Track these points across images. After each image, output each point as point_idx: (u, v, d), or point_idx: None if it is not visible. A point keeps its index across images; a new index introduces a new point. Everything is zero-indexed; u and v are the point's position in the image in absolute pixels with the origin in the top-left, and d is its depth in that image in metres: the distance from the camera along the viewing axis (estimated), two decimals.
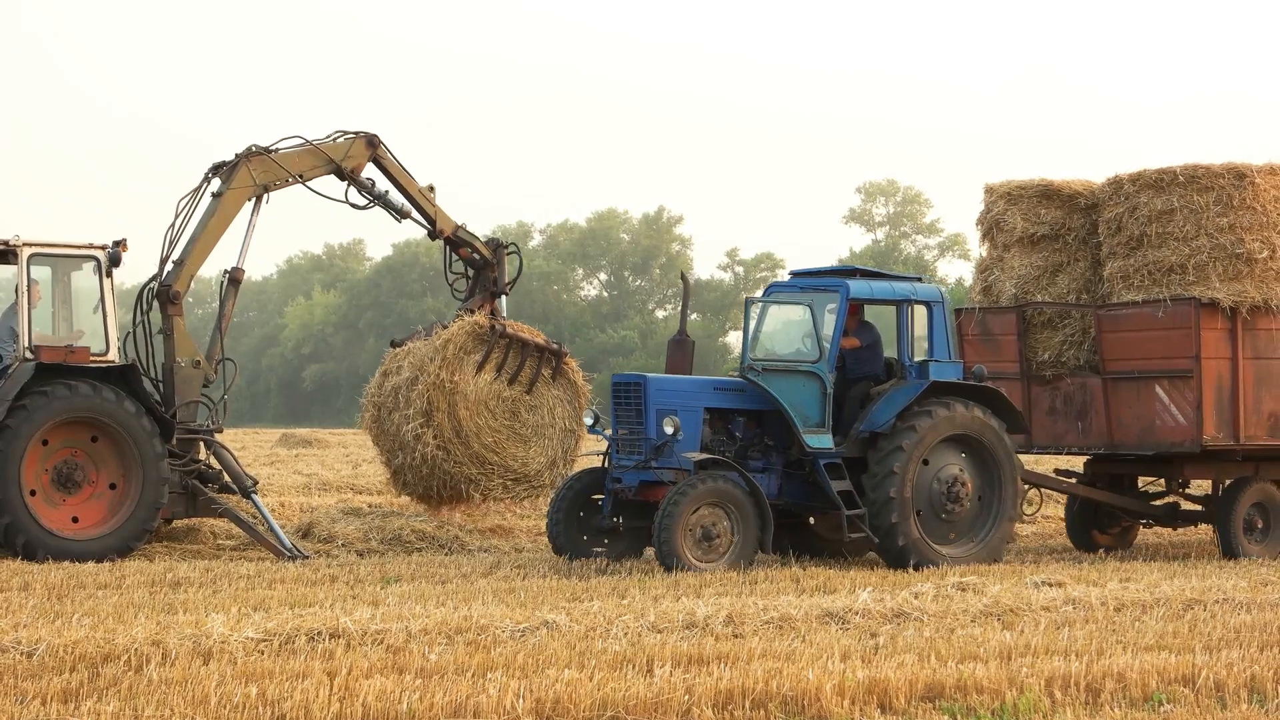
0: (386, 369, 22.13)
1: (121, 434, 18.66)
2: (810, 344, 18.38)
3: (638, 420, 18.05)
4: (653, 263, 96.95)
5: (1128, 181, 20.19)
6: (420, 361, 21.34)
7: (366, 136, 21.18)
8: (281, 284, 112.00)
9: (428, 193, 21.70)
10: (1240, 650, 12.00)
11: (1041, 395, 20.80)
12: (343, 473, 31.51)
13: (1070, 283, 20.81)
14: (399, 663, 11.12)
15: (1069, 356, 20.69)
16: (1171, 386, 19.56)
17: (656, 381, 18.21)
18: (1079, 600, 14.57)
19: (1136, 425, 19.91)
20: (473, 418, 21.24)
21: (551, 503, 18.63)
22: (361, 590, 15.34)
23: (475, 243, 22.14)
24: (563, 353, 21.97)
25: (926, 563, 17.89)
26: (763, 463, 18.48)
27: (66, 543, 18.35)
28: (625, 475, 18.16)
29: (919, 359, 18.66)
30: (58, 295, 19.60)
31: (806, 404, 18.25)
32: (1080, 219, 20.89)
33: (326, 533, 20.61)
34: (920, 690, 10.53)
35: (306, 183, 21.01)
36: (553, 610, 13.37)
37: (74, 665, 10.87)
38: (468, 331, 21.37)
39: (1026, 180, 21.21)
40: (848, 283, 18.56)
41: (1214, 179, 19.63)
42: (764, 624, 13.05)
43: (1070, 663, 11.30)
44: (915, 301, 18.73)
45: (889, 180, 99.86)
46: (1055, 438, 20.77)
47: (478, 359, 21.33)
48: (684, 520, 17.13)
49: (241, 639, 11.69)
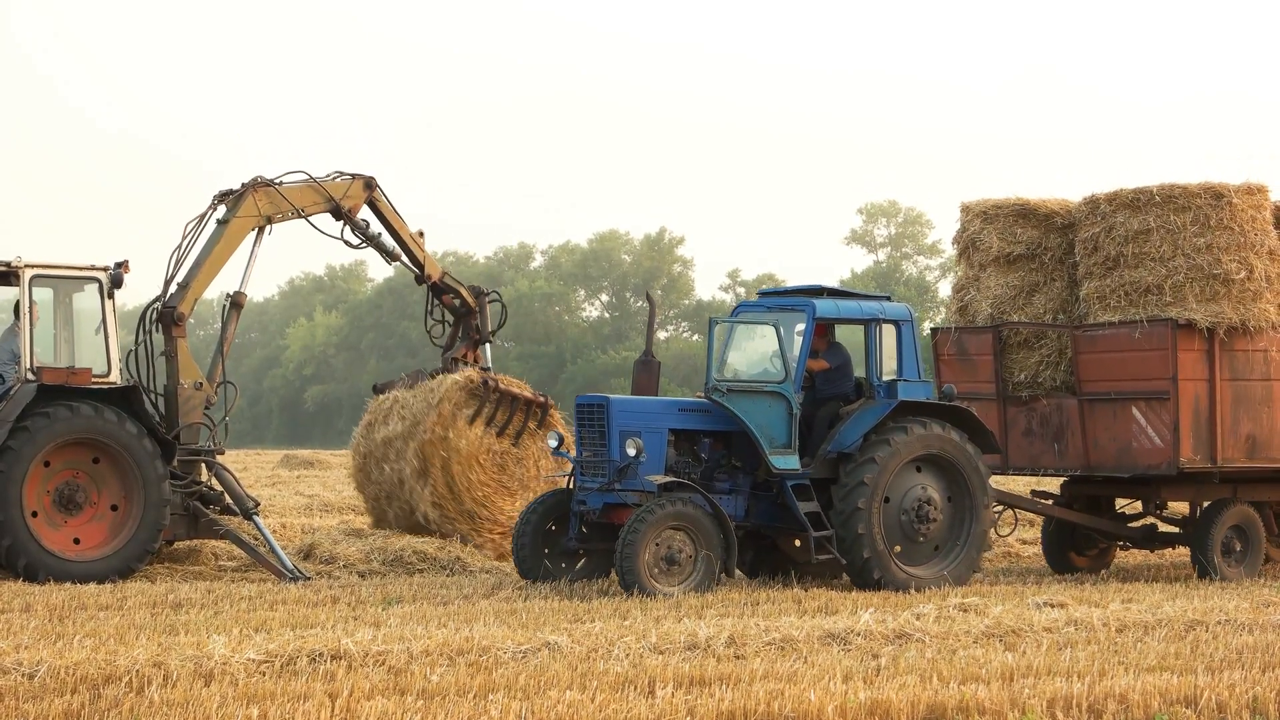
0: (372, 419, 22.31)
1: (123, 455, 18.66)
2: (777, 364, 18.20)
3: (601, 442, 17.92)
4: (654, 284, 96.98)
5: (1104, 201, 20.09)
6: (415, 415, 21.46)
7: (365, 179, 21.64)
8: (283, 305, 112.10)
9: (418, 238, 22.18)
10: (1242, 671, 11.99)
11: (1018, 416, 20.67)
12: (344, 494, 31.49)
13: (1047, 303, 20.67)
14: (400, 684, 11.12)
15: (1045, 377, 20.56)
16: (1148, 408, 19.46)
17: (619, 403, 18.07)
18: (1081, 621, 14.57)
19: (1113, 447, 19.79)
20: (465, 473, 21.35)
21: (517, 526, 18.47)
22: (363, 611, 15.34)
23: (460, 289, 22.47)
24: (548, 405, 22.11)
25: (894, 584, 17.79)
26: (729, 484, 18.32)
27: (68, 564, 18.34)
28: (589, 497, 18.03)
29: (888, 378, 18.51)
30: (59, 317, 19.61)
31: (773, 425, 18.07)
32: (1057, 238, 20.74)
33: (328, 554, 20.60)
34: (922, 711, 10.53)
35: (307, 217, 21.30)
36: (554, 631, 13.37)
37: (75, 687, 10.87)
38: (461, 387, 21.50)
39: (1003, 199, 21.07)
40: (814, 302, 18.41)
41: (1191, 199, 19.58)
42: (766, 645, 13.05)
43: (1072, 684, 11.29)
44: (884, 321, 18.57)
45: (890, 201, 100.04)
46: (1031, 459, 20.65)
47: (469, 413, 21.47)
48: (646, 544, 16.99)
49: (243, 660, 11.69)
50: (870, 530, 17.80)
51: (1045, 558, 21.53)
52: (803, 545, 18.29)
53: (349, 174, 21.60)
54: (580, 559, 18.38)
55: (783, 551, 19.19)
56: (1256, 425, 19.67)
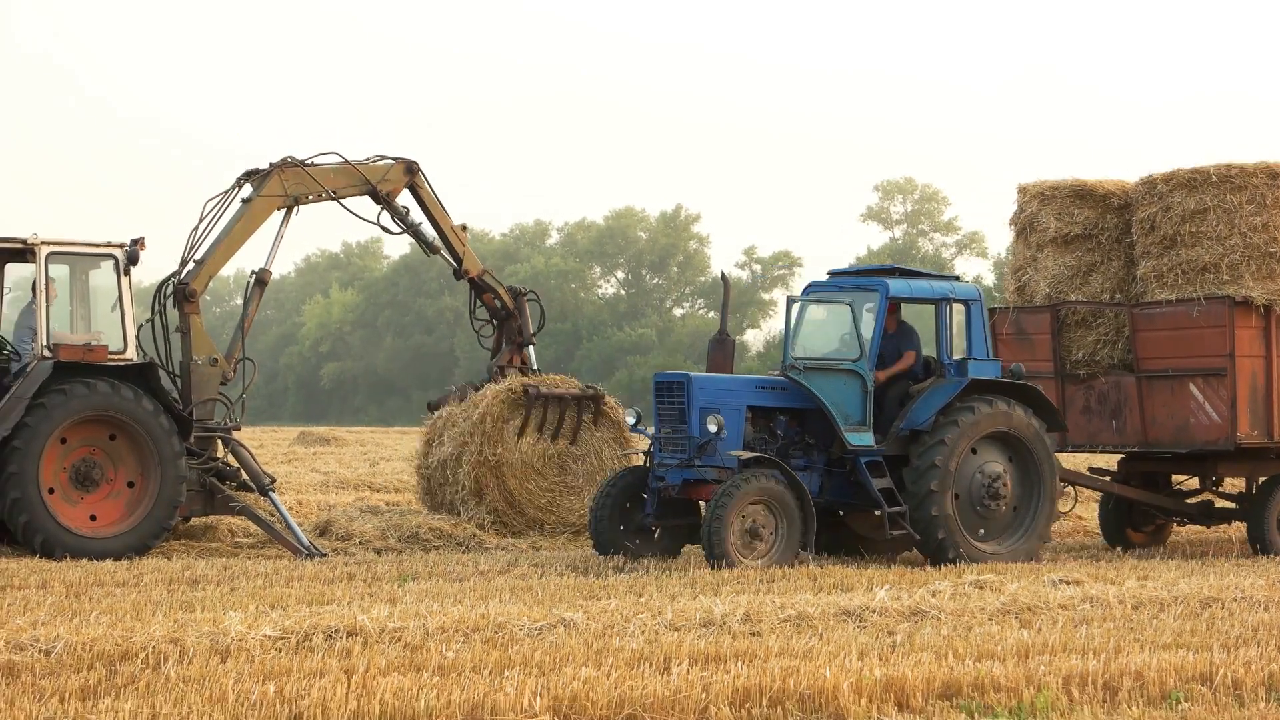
0: (429, 437, 22.04)
1: (140, 432, 18.69)
2: (851, 342, 18.46)
3: (681, 419, 18.11)
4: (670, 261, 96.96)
5: (1161, 181, 20.28)
6: (462, 437, 21.24)
7: (406, 163, 21.36)
8: (299, 282, 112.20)
9: (459, 231, 21.83)
10: (1258, 649, 11.97)
11: (1076, 394, 20.86)
12: (360, 471, 31.56)
13: (1104, 282, 20.86)
14: (416, 660, 11.12)
15: (1103, 355, 20.73)
16: (1206, 385, 19.61)
17: (700, 380, 18.27)
18: (1097, 598, 14.54)
19: (1171, 423, 19.98)
20: (522, 485, 21.22)
21: (594, 501, 18.64)
22: (379, 588, 15.35)
23: (499, 289, 22.24)
24: (600, 396, 21.93)
25: (967, 559, 17.96)
26: (804, 461, 18.56)
27: (84, 541, 18.39)
28: (669, 473, 18.20)
29: (958, 357, 18.71)
30: (76, 294, 19.64)
31: (847, 402, 18.35)
32: (1113, 219, 20.95)
33: (344, 531, 20.63)
34: (938, 688, 10.52)
35: (340, 200, 21.10)
36: (570, 608, 13.37)
37: (92, 663, 10.89)
38: (503, 400, 21.27)
39: (1060, 180, 21.30)
40: (887, 282, 18.68)
41: (1247, 178, 19.70)
42: (781, 622, 13.04)
43: (1088, 661, 11.28)
44: (954, 300, 18.85)
45: (906, 178, 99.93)
46: (1090, 436, 20.85)
47: (517, 424, 21.27)
48: (732, 518, 17.20)
49: (259, 637, 11.70)
50: (943, 510, 18.03)
51: (1102, 533, 21.78)
52: (875, 521, 18.47)
53: (391, 158, 21.41)
54: (654, 535, 18.51)
55: (850, 529, 19.39)
56: None
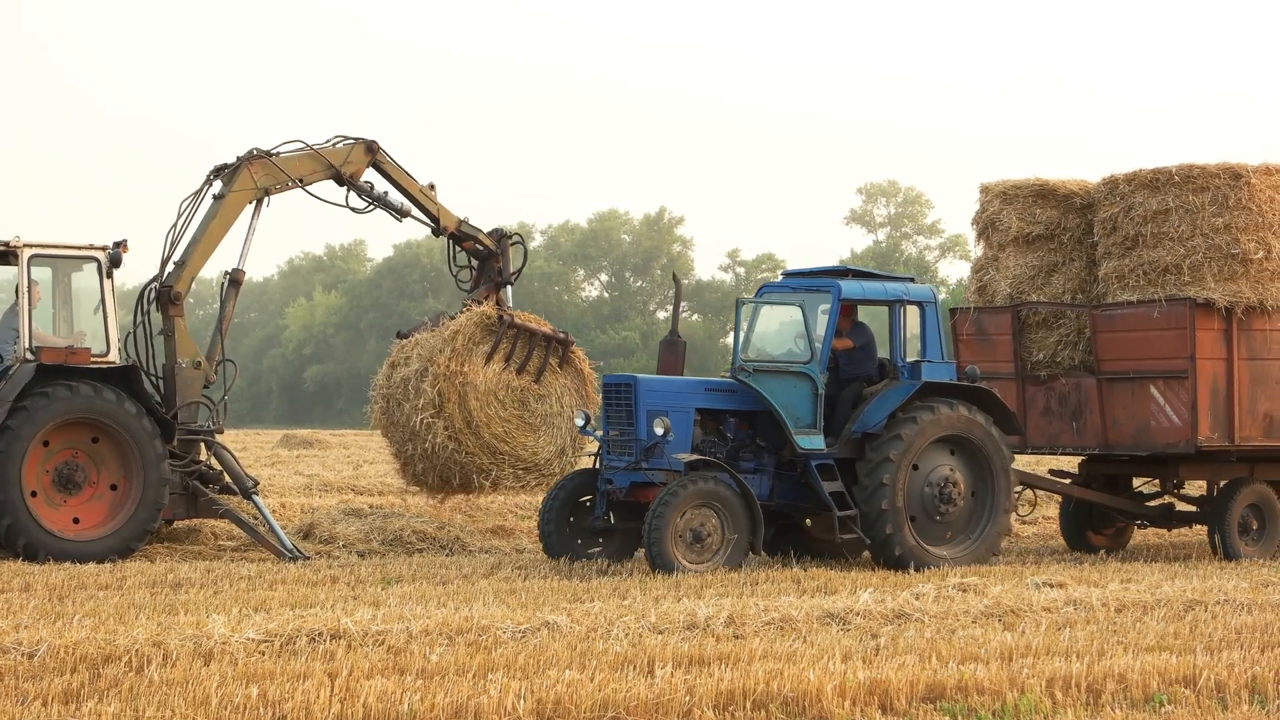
0: (394, 360, 22.00)
1: (122, 435, 18.65)
2: (802, 344, 18.30)
3: (628, 421, 17.98)
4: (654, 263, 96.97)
5: (1123, 181, 20.15)
6: (429, 353, 21.21)
7: (365, 142, 21.24)
8: (282, 285, 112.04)
9: (429, 190, 21.73)
10: (1241, 651, 12.00)
11: (1036, 395, 20.74)
12: (344, 474, 31.49)
13: (1065, 283, 20.75)
14: (400, 663, 11.12)
15: (1064, 357, 20.62)
16: (1166, 387, 19.52)
17: (647, 382, 18.13)
18: (1080, 601, 14.57)
19: (1131, 426, 19.87)
20: (483, 408, 21.17)
21: (543, 505, 18.51)
22: (362, 591, 15.34)
23: (479, 235, 22.14)
24: (569, 341, 21.90)
25: (919, 563, 17.83)
26: (754, 463, 18.39)
27: (67, 544, 18.34)
28: (616, 476, 18.09)
29: (911, 359, 18.59)
30: (58, 296, 19.59)
31: (798, 405, 18.16)
32: (1075, 219, 20.83)
33: (327, 533, 20.60)
34: (921, 691, 10.53)
35: (306, 187, 21.06)
36: (554, 611, 13.37)
37: (75, 666, 10.87)
38: (476, 322, 21.28)
39: (1022, 180, 21.14)
40: (840, 283, 18.50)
41: (1209, 179, 19.61)
42: (765, 625, 13.05)
43: (1071, 664, 11.30)
44: (908, 302, 18.67)
45: (890, 181, 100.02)
46: (1050, 438, 20.73)
47: (486, 349, 21.24)
48: (674, 522, 17.06)
49: (242, 640, 11.69)
50: (894, 506, 17.88)
51: (1063, 536, 21.65)
52: (827, 525, 18.35)
53: (350, 138, 21.35)
54: (606, 538, 18.43)
55: (804, 531, 19.26)
56: (1274, 404, 19.74)
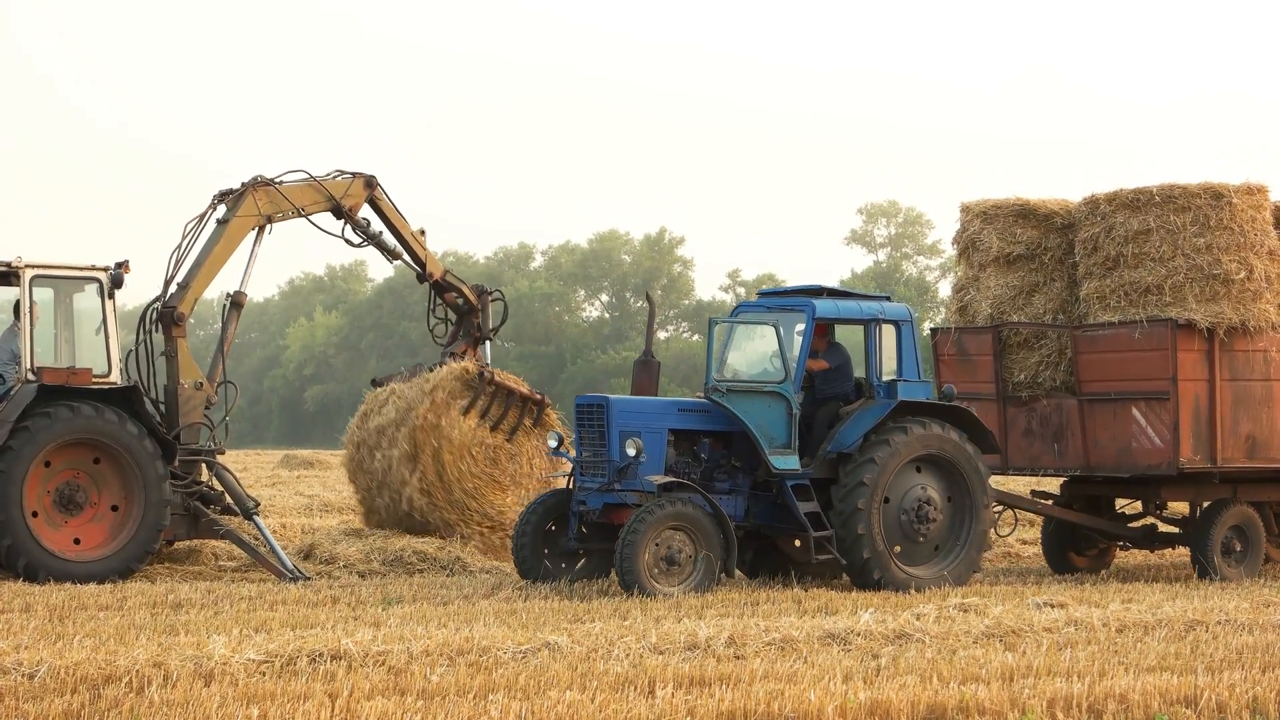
0: (368, 409, 22.30)
1: (124, 455, 18.66)
2: (777, 364, 18.17)
3: (601, 442, 17.91)
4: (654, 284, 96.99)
5: (1104, 201, 20.07)
6: (408, 403, 21.44)
7: (365, 178, 21.55)
8: (283, 305, 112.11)
9: (419, 236, 22.08)
10: (1242, 671, 11.99)
11: (1018, 416, 20.65)
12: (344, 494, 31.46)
13: (1046, 303, 20.64)
14: (400, 684, 11.12)
15: (1045, 377, 20.53)
16: (1148, 408, 19.44)
17: (619, 403, 18.06)
18: (1081, 621, 14.57)
19: (1113, 447, 19.78)
20: (456, 462, 21.29)
21: (517, 526, 18.45)
22: (363, 612, 15.34)
23: (462, 287, 22.39)
24: (544, 403, 22.04)
25: (894, 584, 17.78)
26: (729, 484, 18.29)
27: (68, 564, 18.34)
28: (589, 498, 18.02)
29: (887, 378, 18.50)
30: (60, 317, 19.61)
31: (772, 425, 18.05)
32: (1057, 238, 20.71)
33: (328, 554, 20.60)
34: (922, 711, 10.53)
35: (308, 216, 21.28)
36: (554, 631, 13.37)
37: (75, 687, 10.87)
38: (456, 376, 21.48)
39: (1002, 199, 21.04)
40: (814, 302, 18.40)
41: (1190, 199, 19.56)
42: (766, 645, 13.05)
43: (1072, 684, 11.30)
44: (883, 321, 18.56)
45: (890, 201, 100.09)
46: (1031, 459, 20.64)
47: (463, 404, 21.41)
48: (646, 544, 16.98)
49: (243, 660, 11.69)
50: (870, 530, 17.77)
51: (1045, 558, 21.50)
52: (802, 545, 18.26)
53: (350, 173, 21.57)
54: (580, 559, 18.36)
55: (783, 552, 19.17)
56: (1256, 425, 19.66)
